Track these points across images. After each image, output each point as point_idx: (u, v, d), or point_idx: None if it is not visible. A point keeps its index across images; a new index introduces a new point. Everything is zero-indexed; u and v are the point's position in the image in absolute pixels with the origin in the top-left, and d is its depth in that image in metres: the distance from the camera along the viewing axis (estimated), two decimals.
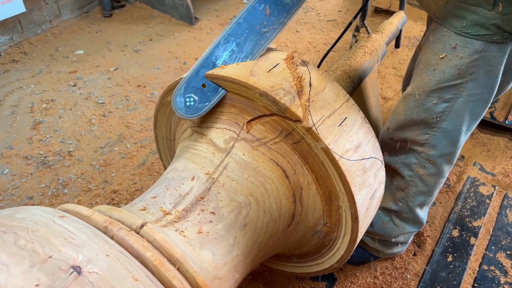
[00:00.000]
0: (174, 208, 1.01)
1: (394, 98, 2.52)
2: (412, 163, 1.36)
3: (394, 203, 1.47)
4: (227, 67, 1.07)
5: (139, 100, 2.51)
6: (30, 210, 0.82)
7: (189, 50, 2.99)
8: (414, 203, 1.44)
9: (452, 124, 1.24)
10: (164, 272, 0.79)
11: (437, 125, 1.25)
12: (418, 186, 1.39)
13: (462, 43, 1.11)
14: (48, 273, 0.64)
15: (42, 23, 3.11)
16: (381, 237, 1.54)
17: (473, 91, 1.17)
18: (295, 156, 1.06)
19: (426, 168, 1.34)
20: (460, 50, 1.12)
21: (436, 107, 1.22)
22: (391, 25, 1.90)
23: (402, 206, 1.46)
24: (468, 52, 1.11)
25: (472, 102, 1.19)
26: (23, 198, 1.93)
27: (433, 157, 1.31)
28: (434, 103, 1.22)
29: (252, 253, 1.10)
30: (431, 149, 1.30)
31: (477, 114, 1.24)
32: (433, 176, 1.36)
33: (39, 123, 2.32)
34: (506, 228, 1.79)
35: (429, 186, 1.39)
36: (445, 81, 1.17)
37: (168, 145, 1.46)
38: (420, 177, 1.37)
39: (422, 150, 1.31)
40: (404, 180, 1.41)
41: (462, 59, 1.12)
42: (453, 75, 1.15)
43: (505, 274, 1.62)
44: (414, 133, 1.30)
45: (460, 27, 1.09)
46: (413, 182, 1.39)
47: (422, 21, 3.29)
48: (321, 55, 2.92)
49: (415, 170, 1.36)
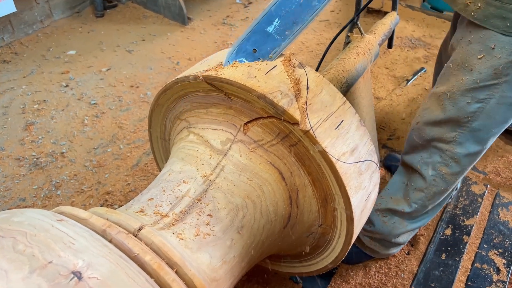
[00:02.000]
0: (171, 210, 1.01)
1: (387, 98, 2.54)
2: (436, 162, 1.36)
3: (408, 205, 1.47)
4: (225, 69, 1.07)
5: (132, 100, 2.50)
6: (27, 213, 0.81)
7: (182, 50, 2.98)
8: (430, 202, 1.44)
9: (482, 124, 1.25)
10: (163, 276, 0.79)
11: (467, 124, 1.26)
12: (438, 186, 1.39)
13: (500, 44, 1.12)
14: (49, 278, 0.64)
15: (33, 23, 3.08)
16: (382, 236, 1.55)
17: (506, 93, 1.18)
18: (292, 159, 1.06)
19: (450, 166, 1.35)
20: (498, 51, 1.13)
21: (469, 107, 1.23)
22: (384, 26, 1.91)
23: (417, 207, 1.46)
24: (506, 53, 1.12)
25: (504, 105, 1.20)
26: (16, 200, 1.92)
27: (458, 155, 1.32)
28: (467, 103, 1.23)
29: (249, 255, 1.10)
30: (458, 147, 1.31)
31: (507, 117, 1.25)
32: (454, 175, 1.37)
33: (31, 124, 2.30)
34: (498, 227, 1.81)
35: (448, 185, 1.40)
36: (481, 81, 1.18)
37: (162, 145, 1.46)
38: (442, 176, 1.37)
39: (448, 148, 1.32)
40: (425, 180, 1.41)
41: (500, 60, 1.14)
42: (489, 75, 1.17)
43: (497, 272, 1.64)
44: (443, 130, 1.31)
45: (503, 27, 1.11)
46: (435, 182, 1.39)
47: (414, 21, 3.31)
48: (314, 55, 2.94)
49: (438, 168, 1.37)
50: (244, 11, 3.53)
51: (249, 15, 3.45)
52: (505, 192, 1.97)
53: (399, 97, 2.55)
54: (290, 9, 1.07)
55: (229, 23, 3.34)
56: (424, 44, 3.06)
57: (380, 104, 2.49)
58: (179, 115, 1.25)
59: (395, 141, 2.25)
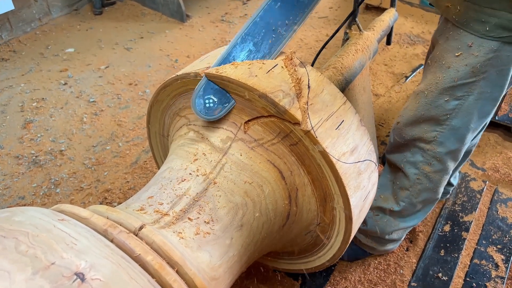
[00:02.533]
0: (172, 209, 1.01)
1: (386, 95, 2.54)
2: (418, 161, 1.37)
3: (396, 203, 1.48)
4: (225, 66, 1.07)
5: (130, 98, 2.50)
6: (28, 212, 0.81)
7: (181, 48, 2.97)
8: (418, 199, 1.45)
9: (461, 121, 1.25)
10: (164, 276, 0.79)
11: (446, 122, 1.26)
12: (423, 184, 1.40)
13: (478, 42, 1.13)
14: (52, 280, 0.64)
15: (31, 21, 3.07)
16: (375, 234, 1.56)
17: (484, 89, 1.19)
18: (292, 158, 1.07)
19: (432, 165, 1.36)
20: (475, 48, 1.14)
21: (447, 105, 1.23)
22: (382, 22, 1.91)
23: (405, 205, 1.47)
24: (484, 51, 1.13)
25: (482, 100, 1.21)
26: (15, 198, 1.92)
27: (439, 154, 1.33)
28: (445, 100, 1.23)
29: (248, 253, 1.11)
30: (439, 146, 1.31)
31: (486, 112, 1.26)
32: (438, 173, 1.38)
33: (30, 122, 2.30)
34: (497, 223, 1.82)
35: (434, 183, 1.40)
36: (459, 79, 1.19)
37: (161, 141, 1.46)
38: (425, 174, 1.38)
39: (429, 148, 1.33)
40: (408, 179, 1.42)
41: (477, 58, 1.14)
42: (467, 73, 1.17)
43: (496, 268, 1.65)
44: (422, 130, 1.32)
45: (483, 31, 1.10)
46: (419, 180, 1.40)
47: (413, 18, 3.31)
48: (313, 52, 2.93)
49: (421, 168, 1.38)
50: (242, 8, 3.52)
51: (248, 12, 3.45)
52: (503, 188, 1.97)
53: (398, 94, 2.55)
54: (258, 40, 1.07)
55: (227, 20, 3.34)
56: (422, 40, 3.06)
57: (379, 101, 2.49)
58: (179, 112, 1.25)
59: None
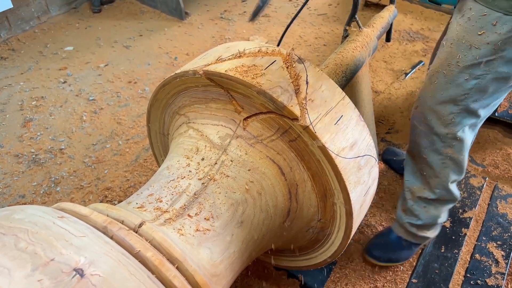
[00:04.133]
0: (172, 206, 1.01)
1: (386, 92, 2.54)
2: (440, 147, 1.39)
3: (431, 192, 1.50)
4: (224, 63, 1.06)
5: (130, 96, 2.50)
6: (28, 210, 0.81)
7: (180, 45, 2.97)
8: (449, 181, 1.47)
9: (476, 101, 1.28)
10: (164, 272, 0.79)
11: (463, 102, 1.28)
12: (449, 166, 1.43)
13: (502, 20, 1.15)
14: (51, 276, 0.64)
15: (30, 20, 3.07)
16: (429, 224, 1.57)
17: (500, 68, 1.21)
18: (291, 154, 1.06)
19: (454, 146, 1.38)
20: (499, 27, 1.15)
21: (467, 84, 1.25)
22: (382, 19, 1.91)
23: (439, 192, 1.49)
24: (507, 29, 1.14)
25: (498, 80, 1.23)
26: (15, 197, 1.92)
27: (459, 134, 1.35)
28: (465, 79, 1.25)
29: (248, 250, 1.11)
30: (456, 127, 1.33)
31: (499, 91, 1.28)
32: (460, 152, 1.40)
33: (30, 121, 2.30)
34: (497, 219, 1.82)
35: (459, 162, 1.42)
36: (480, 57, 1.20)
37: (161, 140, 1.46)
38: (449, 157, 1.40)
39: (447, 132, 1.35)
40: (434, 167, 1.44)
41: (499, 35, 1.16)
42: (488, 50, 1.19)
43: (496, 263, 1.65)
44: (440, 112, 1.33)
45: (508, 7, 1.13)
46: (444, 164, 1.42)
47: (412, 15, 3.30)
48: (313, 49, 2.93)
49: (444, 152, 1.40)
50: (241, 5, 3.51)
51: (247, 9, 3.44)
52: (503, 184, 1.97)
53: (398, 91, 2.55)
54: None
55: (226, 17, 3.33)
56: (422, 37, 3.05)
57: (378, 98, 2.49)
58: (178, 110, 1.25)
59: (394, 135, 2.25)
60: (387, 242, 1.66)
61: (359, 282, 1.60)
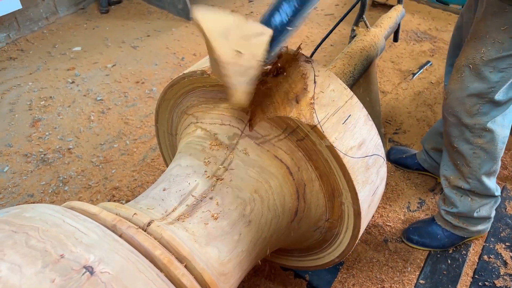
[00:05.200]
0: (180, 205, 1.02)
1: (393, 92, 2.53)
2: (470, 137, 1.43)
3: (465, 181, 1.53)
4: None
5: (137, 96, 2.51)
6: (38, 209, 0.82)
7: (187, 46, 2.98)
8: (481, 173, 1.49)
9: (502, 93, 1.33)
10: (173, 270, 0.80)
11: (489, 95, 1.33)
12: (481, 157, 1.46)
13: None
14: (61, 273, 0.65)
15: (39, 20, 3.09)
16: (464, 214, 1.60)
17: None
18: (299, 153, 1.06)
19: (483, 136, 1.41)
20: None
21: (493, 76, 1.30)
22: (389, 19, 1.90)
23: (473, 182, 1.52)
24: None
25: None
26: (24, 196, 1.93)
27: (487, 124, 1.39)
28: (490, 72, 1.30)
29: (256, 249, 1.11)
30: (484, 117, 1.38)
31: None
32: (491, 143, 1.43)
33: (38, 121, 2.31)
34: (505, 220, 1.81)
35: (491, 153, 1.45)
36: (504, 51, 1.26)
37: (169, 140, 1.46)
38: (480, 147, 1.44)
39: (475, 122, 1.39)
40: (465, 155, 1.47)
41: None
42: (511, 44, 1.25)
43: (504, 265, 1.64)
44: (467, 104, 1.37)
45: None
46: (476, 154, 1.46)
47: (420, 15, 3.29)
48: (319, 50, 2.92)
49: (474, 142, 1.43)
50: (248, 5, 3.52)
51: (254, 9, 3.45)
52: None
53: (405, 91, 2.54)
54: None
55: None
56: (430, 37, 3.04)
57: (386, 98, 2.48)
58: (186, 110, 1.25)
59: (401, 135, 2.25)
60: (426, 228, 1.71)
61: (366, 283, 1.60)
